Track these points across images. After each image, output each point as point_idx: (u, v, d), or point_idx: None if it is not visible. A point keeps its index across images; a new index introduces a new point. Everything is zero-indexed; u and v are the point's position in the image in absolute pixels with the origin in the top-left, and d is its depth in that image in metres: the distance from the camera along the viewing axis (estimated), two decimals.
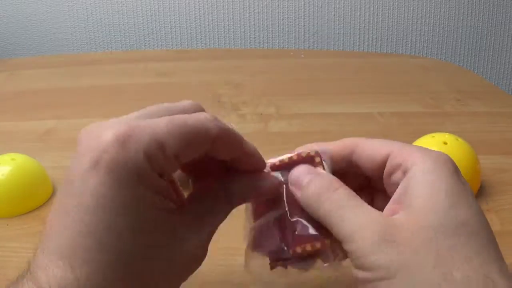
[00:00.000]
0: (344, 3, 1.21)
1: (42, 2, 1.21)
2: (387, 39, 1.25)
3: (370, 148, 0.29)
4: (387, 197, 0.27)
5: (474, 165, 0.45)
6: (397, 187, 0.26)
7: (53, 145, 0.57)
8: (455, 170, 0.26)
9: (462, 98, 0.70)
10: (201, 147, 0.25)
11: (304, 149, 0.29)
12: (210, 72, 0.83)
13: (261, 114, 0.65)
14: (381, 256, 0.23)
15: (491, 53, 1.28)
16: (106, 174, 0.22)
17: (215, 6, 1.21)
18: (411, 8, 1.22)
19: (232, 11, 1.21)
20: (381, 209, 0.26)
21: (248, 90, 0.74)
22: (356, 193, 0.27)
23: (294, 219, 0.27)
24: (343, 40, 1.24)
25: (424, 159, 0.26)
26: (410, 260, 0.23)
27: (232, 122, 0.69)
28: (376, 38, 1.25)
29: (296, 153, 0.29)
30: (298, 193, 0.27)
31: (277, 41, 1.24)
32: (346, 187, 0.27)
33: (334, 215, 0.25)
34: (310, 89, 0.75)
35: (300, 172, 0.28)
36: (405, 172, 0.26)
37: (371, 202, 0.29)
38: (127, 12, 1.22)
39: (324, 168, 0.28)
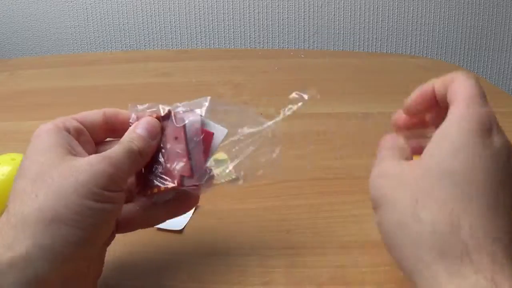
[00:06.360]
0: (344, 3, 1.21)
1: (42, 2, 1.21)
2: (387, 39, 1.25)
3: (455, 86, 0.29)
4: None
5: None
6: None
7: None
8: (484, 131, 0.27)
9: None
10: (93, 115, 0.34)
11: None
12: (210, 72, 0.83)
13: (261, 114, 0.65)
14: (373, 188, 0.29)
15: (491, 53, 1.28)
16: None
17: (215, 6, 1.21)
18: (411, 8, 1.22)
19: (232, 11, 1.21)
20: None
21: (248, 90, 0.74)
22: None
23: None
24: (343, 40, 1.24)
25: (460, 110, 0.28)
26: (390, 196, 0.27)
27: None
28: (376, 38, 1.25)
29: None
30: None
31: (277, 41, 1.24)
32: (393, 146, 0.32)
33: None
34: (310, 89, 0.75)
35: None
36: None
37: None
38: (127, 12, 1.22)
39: (169, 111, 0.34)
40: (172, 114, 0.34)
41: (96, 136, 0.35)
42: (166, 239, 0.40)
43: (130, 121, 0.34)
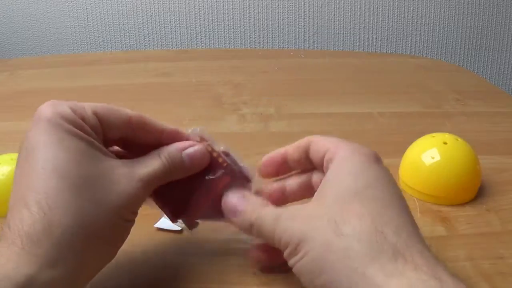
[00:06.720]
0: (344, 3, 1.21)
1: (42, 2, 1.21)
2: (387, 39, 1.25)
3: (317, 145, 0.32)
4: None
5: (474, 165, 0.45)
6: None
7: None
8: (372, 159, 0.30)
9: (462, 98, 0.70)
10: (118, 116, 0.31)
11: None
12: (210, 72, 0.83)
13: (261, 114, 0.65)
14: (285, 233, 0.28)
15: (491, 53, 1.28)
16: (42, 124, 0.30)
17: (215, 6, 1.21)
18: (411, 8, 1.22)
19: (232, 11, 1.21)
20: None
21: (248, 90, 0.74)
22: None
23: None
24: (343, 40, 1.24)
25: (344, 151, 0.30)
26: (306, 227, 0.27)
27: (232, 122, 0.69)
28: (376, 38, 1.25)
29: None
30: (233, 218, 0.32)
31: (277, 41, 1.24)
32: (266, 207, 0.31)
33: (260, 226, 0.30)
34: (310, 89, 0.75)
35: (233, 200, 0.32)
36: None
37: None
38: (127, 12, 1.22)
39: (226, 162, 0.33)
40: (226, 166, 0.33)
41: (109, 136, 0.32)
42: (166, 239, 0.40)
43: (191, 131, 0.34)
